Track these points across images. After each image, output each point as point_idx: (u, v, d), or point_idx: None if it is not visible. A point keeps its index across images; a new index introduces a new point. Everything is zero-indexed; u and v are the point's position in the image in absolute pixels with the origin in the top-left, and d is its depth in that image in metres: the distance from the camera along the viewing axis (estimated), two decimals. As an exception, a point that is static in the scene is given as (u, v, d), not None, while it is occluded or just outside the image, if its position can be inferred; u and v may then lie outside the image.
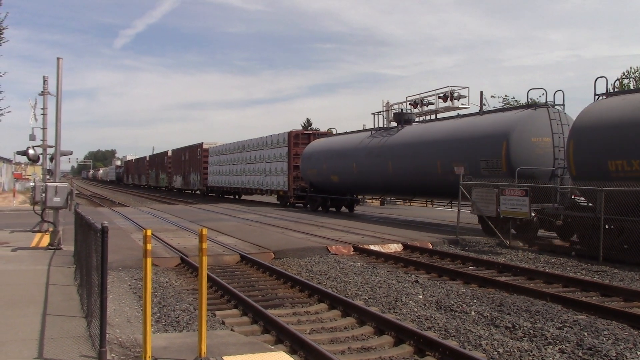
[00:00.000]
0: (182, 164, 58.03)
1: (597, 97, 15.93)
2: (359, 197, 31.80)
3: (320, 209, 30.71)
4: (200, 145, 52.47)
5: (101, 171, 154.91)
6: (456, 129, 20.55)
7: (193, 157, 54.24)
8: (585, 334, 7.67)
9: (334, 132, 33.77)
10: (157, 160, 72.60)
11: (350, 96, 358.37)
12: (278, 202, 37.20)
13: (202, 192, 53.36)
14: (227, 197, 49.50)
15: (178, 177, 60.05)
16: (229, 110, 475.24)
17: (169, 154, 65.02)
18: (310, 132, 34.67)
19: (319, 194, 30.46)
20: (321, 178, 29.53)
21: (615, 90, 20.43)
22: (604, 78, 16.01)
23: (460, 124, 20.80)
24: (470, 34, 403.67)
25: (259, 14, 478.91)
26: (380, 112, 28.56)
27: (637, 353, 6.91)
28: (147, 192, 70.51)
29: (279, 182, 35.41)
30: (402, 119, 24.93)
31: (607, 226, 14.20)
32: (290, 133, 34.64)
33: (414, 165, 21.87)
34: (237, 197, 48.79)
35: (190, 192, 59.60)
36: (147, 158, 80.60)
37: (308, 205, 32.34)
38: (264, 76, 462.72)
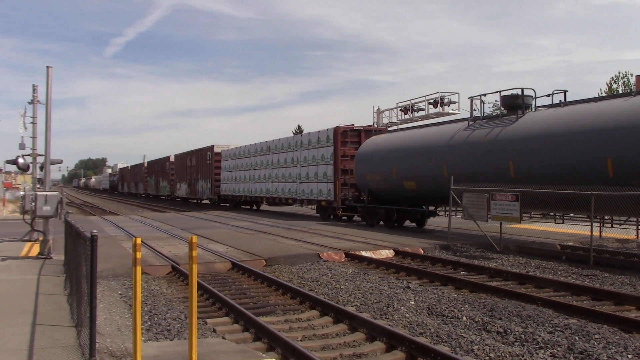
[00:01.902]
0: (188, 170, 51.88)
1: None
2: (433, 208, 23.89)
3: (381, 223, 23.97)
4: (211, 148, 46.07)
5: (93, 179, 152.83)
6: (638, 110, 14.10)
7: (202, 162, 47.97)
8: (577, 338, 7.70)
9: (388, 128, 27.89)
10: (157, 167, 66.05)
11: (341, 103, 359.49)
12: (318, 215, 30.38)
13: (212, 201, 47.28)
14: (244, 207, 43.05)
15: (183, 184, 53.88)
16: (220, 117, 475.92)
17: (172, 159, 58.96)
18: (361, 128, 28.39)
19: (382, 204, 23.81)
20: (387, 184, 22.93)
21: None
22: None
23: None
24: (461, 40, 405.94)
25: (251, 21, 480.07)
26: (483, 94, 20.11)
27: (628, 357, 6.94)
28: (145, 201, 65.66)
29: (320, 190, 28.88)
30: (521, 103, 17.90)
31: None
32: (337, 129, 28.01)
33: (559, 166, 15.53)
34: (253, 207, 42.52)
35: (196, 201, 53.46)
36: (146, 164, 74.26)
37: (354, 218, 27.12)
38: (255, 83, 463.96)
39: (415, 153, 21.20)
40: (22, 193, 16.07)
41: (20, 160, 17.53)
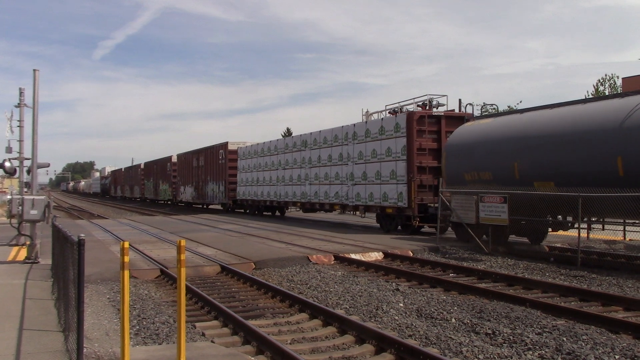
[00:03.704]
0: (195, 172, 46.32)
1: None
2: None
3: (484, 237, 16.78)
4: (224, 145, 40.00)
5: (83, 182, 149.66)
6: None
7: (212, 161, 42.23)
8: (564, 339, 7.74)
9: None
10: (157, 168, 60.45)
11: (331, 105, 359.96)
12: (379, 225, 23.89)
13: (225, 206, 41.06)
14: (265, 214, 36.54)
15: (188, 187, 48.51)
16: (210, 120, 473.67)
17: (174, 159, 53.26)
18: (442, 113, 22.33)
19: None
20: (504, 186, 16.69)
21: None
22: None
23: None
24: (450, 42, 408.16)
25: (240, 24, 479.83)
26: None
27: (615, 357, 6.99)
28: (141, 206, 61.59)
29: (384, 194, 22.37)
30: None
31: None
32: (411, 115, 21.70)
33: None
34: (276, 213, 36.49)
35: (201, 206, 48.50)
36: (142, 165, 68.47)
37: (422, 229, 21.78)
38: (244, 86, 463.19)
39: (557, 142, 15.29)
40: (9, 197, 15.95)
41: (7, 164, 17.38)
